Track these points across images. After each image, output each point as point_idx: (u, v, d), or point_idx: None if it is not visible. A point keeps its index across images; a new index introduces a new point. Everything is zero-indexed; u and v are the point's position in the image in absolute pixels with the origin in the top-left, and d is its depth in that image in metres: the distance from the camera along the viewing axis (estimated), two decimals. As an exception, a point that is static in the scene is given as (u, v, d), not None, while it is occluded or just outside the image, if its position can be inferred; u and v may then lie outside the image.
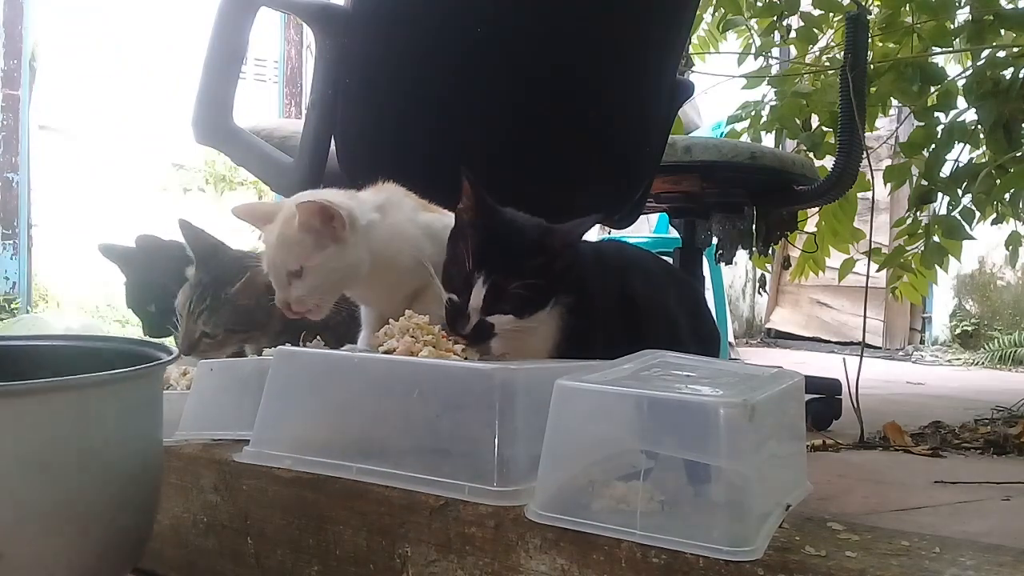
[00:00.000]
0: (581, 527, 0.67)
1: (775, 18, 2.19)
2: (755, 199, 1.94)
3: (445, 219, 1.03)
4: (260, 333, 1.32)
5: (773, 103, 2.32)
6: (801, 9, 2.17)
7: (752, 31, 2.32)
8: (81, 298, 3.92)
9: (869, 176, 1.94)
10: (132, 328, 3.57)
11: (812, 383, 1.75)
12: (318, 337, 1.12)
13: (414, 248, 1.03)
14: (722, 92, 2.51)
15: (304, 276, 1.00)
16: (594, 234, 4.13)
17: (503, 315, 0.91)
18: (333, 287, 1.03)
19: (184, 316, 1.32)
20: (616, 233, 3.80)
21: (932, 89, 2.08)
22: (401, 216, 1.04)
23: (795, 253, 2.73)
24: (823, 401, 1.86)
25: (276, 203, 1.12)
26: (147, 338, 1.40)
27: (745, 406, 0.62)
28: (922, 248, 2.13)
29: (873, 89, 2.07)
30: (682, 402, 0.65)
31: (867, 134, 1.91)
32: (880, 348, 4.84)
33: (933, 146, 2.06)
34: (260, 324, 1.31)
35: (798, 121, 2.27)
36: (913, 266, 2.21)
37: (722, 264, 2.07)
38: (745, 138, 2.37)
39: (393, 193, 1.08)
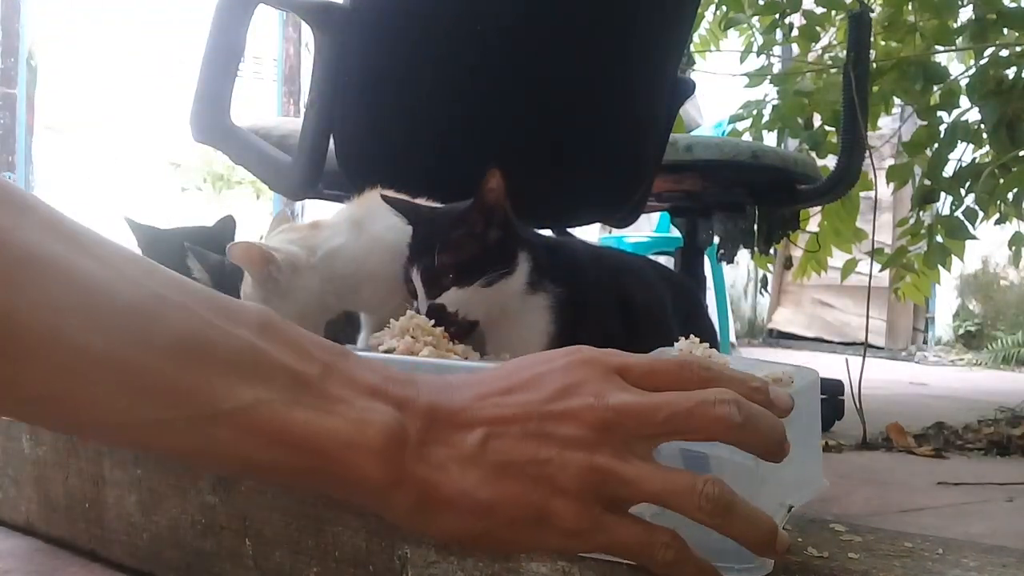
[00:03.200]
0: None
1: (777, 16, 2.19)
2: (757, 198, 1.93)
3: None
4: None
5: (775, 102, 2.32)
6: (803, 7, 2.16)
7: (754, 29, 2.32)
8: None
9: (872, 175, 1.93)
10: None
11: (814, 383, 1.76)
12: None
13: (398, 254, 1.02)
14: (724, 90, 2.50)
15: None
16: (594, 233, 4.13)
17: (447, 291, 0.91)
18: None
19: None
20: (617, 232, 3.80)
21: (935, 88, 2.08)
22: (380, 226, 1.04)
23: (797, 253, 2.72)
24: (825, 402, 1.85)
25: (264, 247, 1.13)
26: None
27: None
28: (925, 248, 2.12)
29: (876, 88, 2.07)
30: (689, 450, 0.62)
31: (870, 133, 1.91)
32: (883, 348, 4.83)
33: (936, 145, 2.05)
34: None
35: (800, 120, 2.26)
36: (916, 266, 2.20)
37: (724, 264, 2.07)
38: (747, 137, 2.36)
39: (375, 202, 1.07)
